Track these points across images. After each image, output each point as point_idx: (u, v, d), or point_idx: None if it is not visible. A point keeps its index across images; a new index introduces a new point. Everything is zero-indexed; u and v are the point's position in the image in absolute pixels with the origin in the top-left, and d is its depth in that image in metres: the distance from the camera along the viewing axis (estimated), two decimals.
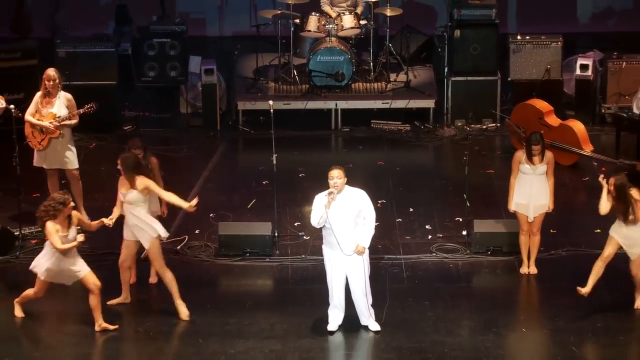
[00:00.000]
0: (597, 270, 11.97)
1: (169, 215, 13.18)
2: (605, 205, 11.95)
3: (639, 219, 11.83)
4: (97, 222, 12.17)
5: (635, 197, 11.80)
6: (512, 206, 13.04)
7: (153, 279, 12.92)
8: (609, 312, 12.14)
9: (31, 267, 11.92)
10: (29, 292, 12.06)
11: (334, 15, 17.74)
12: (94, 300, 11.85)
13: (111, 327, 11.92)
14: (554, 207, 13.00)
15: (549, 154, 12.95)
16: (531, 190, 12.88)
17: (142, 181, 12.07)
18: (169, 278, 12.20)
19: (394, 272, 13.13)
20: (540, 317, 12.32)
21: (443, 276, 13.14)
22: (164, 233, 12.23)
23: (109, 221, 12.10)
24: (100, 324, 11.89)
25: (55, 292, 12.63)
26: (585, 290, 11.91)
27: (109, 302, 12.35)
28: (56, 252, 11.66)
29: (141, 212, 12.13)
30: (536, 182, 12.88)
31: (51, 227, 11.56)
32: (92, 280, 11.84)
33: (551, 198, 12.93)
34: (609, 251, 11.96)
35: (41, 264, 11.79)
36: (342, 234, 11.60)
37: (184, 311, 12.18)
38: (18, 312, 12.17)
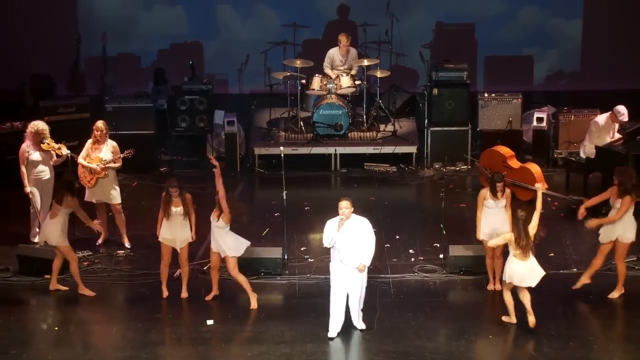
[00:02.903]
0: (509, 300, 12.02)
1: (196, 241, 13.18)
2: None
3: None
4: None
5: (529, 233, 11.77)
6: (480, 235, 13.05)
7: (184, 294, 12.91)
8: (560, 322, 12.13)
9: (235, 253, 12.51)
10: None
11: (333, 76, 17.80)
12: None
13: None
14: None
15: (507, 190, 12.98)
16: (495, 221, 12.89)
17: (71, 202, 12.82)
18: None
19: (383, 288, 13.09)
20: (503, 326, 12.27)
21: (424, 292, 13.12)
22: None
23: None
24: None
25: (102, 304, 12.66)
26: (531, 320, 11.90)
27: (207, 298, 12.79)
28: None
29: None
30: (498, 214, 12.89)
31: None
32: None
33: (510, 227, 12.93)
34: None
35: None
36: (347, 253, 11.69)
37: None
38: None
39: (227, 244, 12.52)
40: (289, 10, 20.13)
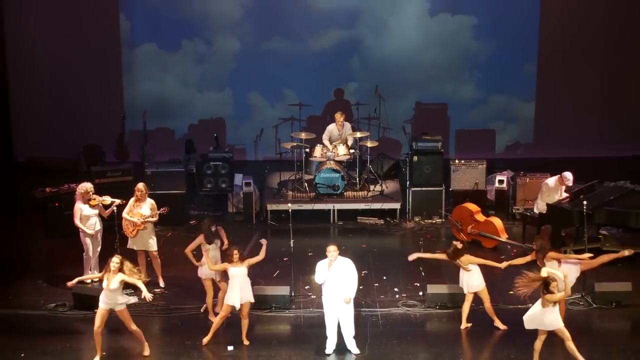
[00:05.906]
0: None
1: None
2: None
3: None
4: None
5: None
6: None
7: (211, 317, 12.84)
8: (520, 349, 12.09)
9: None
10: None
11: (331, 147, 17.89)
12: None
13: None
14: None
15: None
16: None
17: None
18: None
19: (372, 320, 13.08)
20: (472, 351, 12.26)
21: (406, 323, 13.11)
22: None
23: None
24: None
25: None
26: None
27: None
28: None
29: None
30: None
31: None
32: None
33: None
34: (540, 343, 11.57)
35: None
36: (336, 287, 11.83)
37: None
38: None
39: (249, 290, 12.36)
40: (304, 91, 20.27)
